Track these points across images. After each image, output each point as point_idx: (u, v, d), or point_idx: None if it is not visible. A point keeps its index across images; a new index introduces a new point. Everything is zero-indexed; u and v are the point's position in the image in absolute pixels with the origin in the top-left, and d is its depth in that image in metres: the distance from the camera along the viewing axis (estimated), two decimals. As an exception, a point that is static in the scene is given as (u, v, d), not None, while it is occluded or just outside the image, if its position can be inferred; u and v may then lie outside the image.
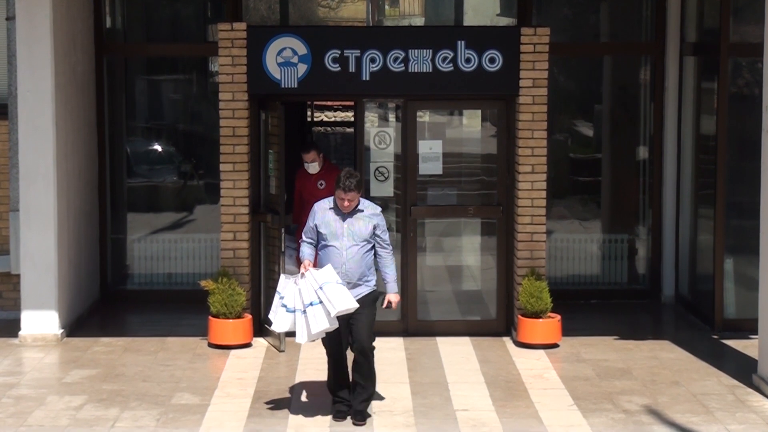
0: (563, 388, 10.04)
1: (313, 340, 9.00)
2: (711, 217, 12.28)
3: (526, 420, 9.17)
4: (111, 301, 13.30)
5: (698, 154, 12.87)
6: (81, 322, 12.27)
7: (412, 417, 9.25)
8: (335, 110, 26.08)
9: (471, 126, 12.87)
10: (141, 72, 13.98)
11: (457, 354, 11.18)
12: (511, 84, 11.50)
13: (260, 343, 11.49)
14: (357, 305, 8.75)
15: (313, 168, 12.02)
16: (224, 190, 11.55)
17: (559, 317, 11.37)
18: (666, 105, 13.35)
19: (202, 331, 11.59)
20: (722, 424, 9.06)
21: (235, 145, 11.49)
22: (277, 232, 11.42)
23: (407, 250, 11.88)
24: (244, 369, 10.62)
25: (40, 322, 11.50)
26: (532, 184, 11.52)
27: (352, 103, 13.50)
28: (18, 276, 11.85)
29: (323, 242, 9.10)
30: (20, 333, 11.53)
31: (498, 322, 11.95)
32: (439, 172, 11.95)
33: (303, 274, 8.80)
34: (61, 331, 11.59)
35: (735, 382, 10.24)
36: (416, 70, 11.49)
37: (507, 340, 11.69)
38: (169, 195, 14.03)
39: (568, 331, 11.57)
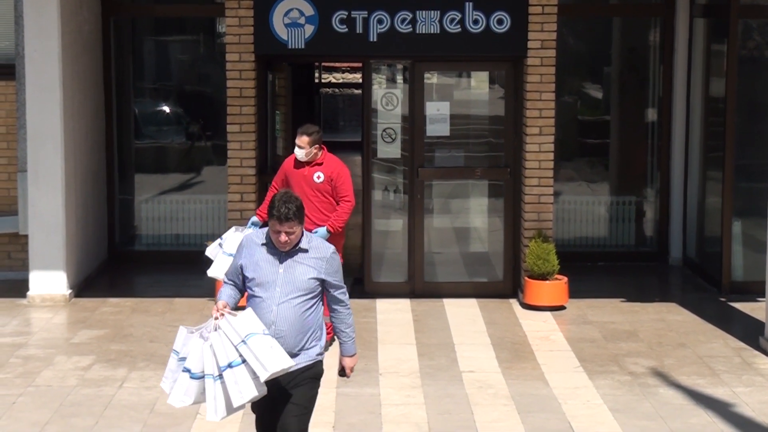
0: (569, 350, 10.05)
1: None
2: (719, 179, 12.25)
3: (531, 381, 9.19)
4: (119, 262, 13.33)
5: (707, 116, 12.82)
6: (89, 283, 12.30)
7: (419, 378, 9.27)
8: (343, 72, 26.10)
9: (479, 87, 12.82)
10: (148, 33, 13.94)
11: (464, 315, 11.20)
12: (519, 45, 11.45)
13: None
14: (293, 363, 6.36)
15: (300, 154, 9.91)
16: (231, 151, 11.55)
17: (565, 279, 11.37)
18: (675, 67, 13.28)
19: (209, 292, 11.62)
20: (728, 386, 9.07)
21: (242, 106, 11.48)
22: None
23: (414, 211, 11.87)
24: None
25: (48, 282, 11.53)
26: (539, 146, 11.49)
27: (360, 65, 13.44)
28: (26, 236, 11.87)
29: (249, 291, 6.60)
30: (28, 293, 11.57)
31: (505, 284, 11.95)
32: (447, 133, 11.93)
33: (217, 322, 6.31)
34: (69, 291, 11.63)
35: (742, 344, 10.24)
36: (424, 32, 11.45)
37: (514, 302, 11.70)
38: (176, 156, 14.02)
39: (575, 293, 11.57)
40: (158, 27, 13.95)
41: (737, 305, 11.61)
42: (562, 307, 11.36)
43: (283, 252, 6.52)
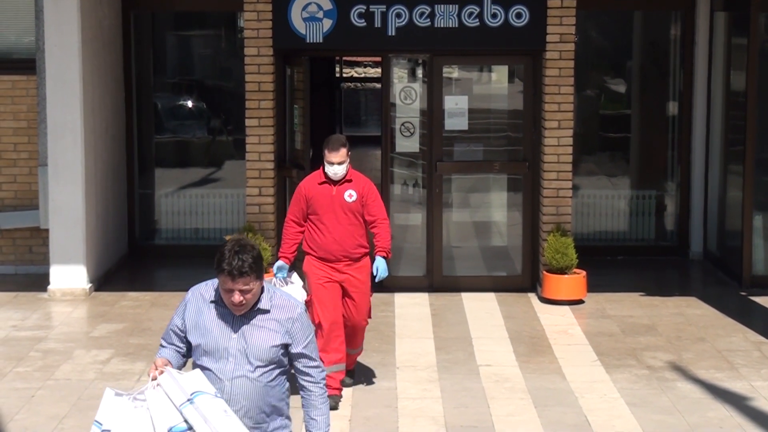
0: (587, 344, 10.04)
1: None
2: (740, 173, 12.20)
3: (549, 375, 9.18)
4: (139, 256, 13.38)
5: (728, 110, 12.76)
6: (109, 277, 12.36)
7: (436, 372, 9.28)
8: (365, 66, 26.08)
9: (497, 81, 12.81)
10: (168, 27, 13.98)
11: (482, 309, 11.19)
12: (537, 39, 11.42)
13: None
14: None
15: (341, 171, 8.48)
16: (249, 145, 11.57)
17: (584, 273, 11.35)
18: (696, 61, 13.22)
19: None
20: (747, 380, 9.04)
21: (261, 100, 11.50)
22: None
23: (433, 205, 11.87)
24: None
25: (69, 276, 11.58)
26: (558, 140, 11.47)
27: (379, 59, 13.45)
28: (47, 231, 11.93)
29: (196, 361, 5.33)
30: (49, 287, 11.63)
31: (523, 278, 11.94)
32: (465, 127, 11.93)
33: (156, 380, 5.07)
34: (90, 285, 11.68)
35: (761, 338, 10.21)
36: (442, 26, 11.44)
37: (532, 296, 11.69)
38: (197, 150, 14.06)
39: (594, 287, 11.55)
40: (178, 21, 13.99)
41: (758, 299, 11.57)
42: (580, 301, 11.34)
43: (237, 314, 5.26)
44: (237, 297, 5.14)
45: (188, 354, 5.41)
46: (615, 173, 13.91)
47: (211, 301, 5.32)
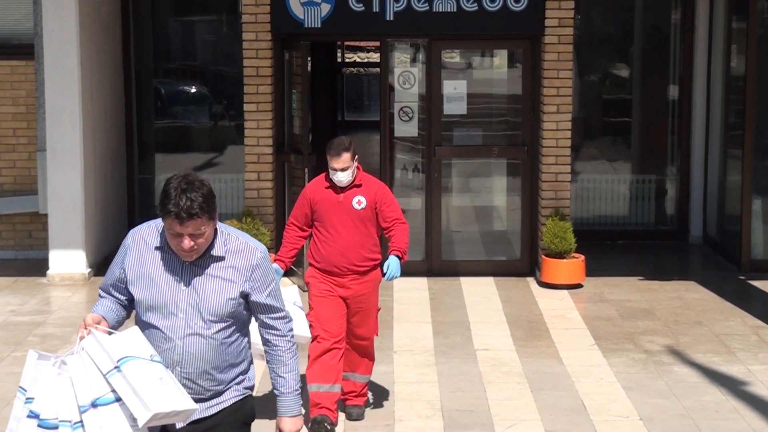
0: (585, 328, 10.04)
1: None
2: (739, 157, 12.19)
3: (546, 360, 9.19)
4: (139, 241, 13.33)
5: (728, 94, 12.74)
6: (108, 262, 12.27)
7: (433, 356, 9.29)
8: (368, 51, 26.04)
9: (496, 66, 12.79)
10: (168, 12, 13.96)
11: (480, 294, 11.20)
12: (536, 23, 11.40)
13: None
14: (194, 406, 4.48)
15: (345, 178, 7.64)
16: (248, 130, 11.58)
17: (582, 257, 11.35)
18: (696, 45, 13.20)
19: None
20: (744, 364, 9.04)
21: (259, 85, 11.49)
22: (301, 172, 11.44)
23: (431, 190, 11.87)
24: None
25: (68, 261, 11.60)
26: (557, 124, 11.46)
27: (377, 44, 13.43)
28: (46, 216, 11.95)
29: (139, 315, 4.74)
30: (48, 272, 11.64)
31: (522, 262, 11.95)
32: (464, 112, 11.92)
33: (82, 342, 4.47)
34: (89, 270, 11.70)
35: (759, 322, 10.21)
36: (440, 10, 11.42)
37: (531, 280, 11.70)
38: (197, 136, 14.05)
39: (592, 271, 11.55)
40: (178, 6, 13.97)
41: (756, 283, 11.56)
42: (579, 286, 11.34)
43: (187, 261, 4.61)
44: (187, 243, 4.49)
45: (131, 305, 4.76)
46: (615, 158, 13.90)
47: (156, 248, 4.64)
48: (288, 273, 7.49)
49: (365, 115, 22.84)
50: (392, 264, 7.68)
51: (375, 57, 25.72)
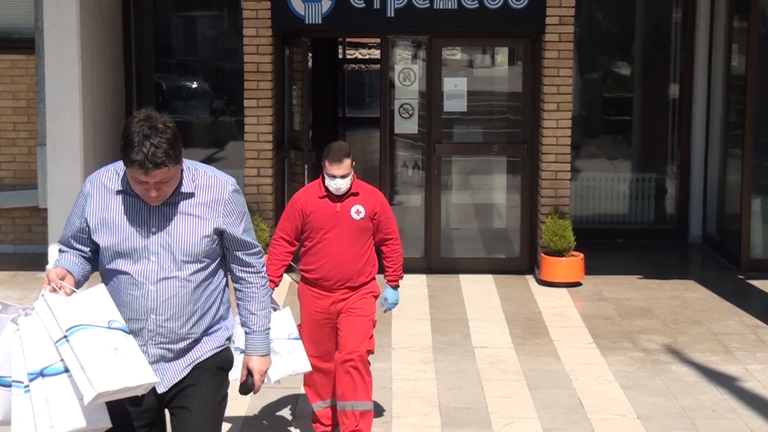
0: (583, 327, 10.05)
1: None
2: (739, 156, 12.19)
3: (544, 357, 9.20)
4: (138, 236, 13.35)
5: (728, 93, 12.74)
6: (108, 257, 12.34)
7: (431, 353, 9.30)
8: (369, 48, 26.04)
9: (496, 63, 12.79)
10: (169, 7, 13.95)
11: (479, 291, 11.20)
12: (537, 21, 11.40)
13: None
14: (152, 380, 4.14)
15: (345, 185, 7.00)
16: (248, 126, 11.58)
17: (582, 256, 11.35)
18: (697, 44, 13.19)
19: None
20: (741, 363, 9.04)
21: (259, 81, 11.50)
22: (301, 168, 11.44)
23: (431, 187, 11.88)
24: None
25: (67, 256, 11.58)
26: (557, 122, 11.46)
27: (378, 41, 13.43)
28: (45, 210, 11.95)
29: (105, 264, 4.45)
30: (47, 267, 11.64)
31: (521, 260, 11.95)
32: (464, 109, 11.93)
33: (38, 302, 4.19)
34: (88, 265, 11.69)
35: (758, 322, 10.21)
36: (441, 7, 11.41)
37: (530, 278, 11.70)
38: (199, 131, 14.05)
39: (592, 269, 11.55)
40: (179, 1, 13.96)
41: (755, 283, 11.57)
42: (578, 284, 11.35)
43: (155, 204, 4.34)
44: (153, 192, 4.23)
45: (96, 256, 4.47)
46: (615, 156, 13.90)
47: (118, 191, 4.35)
48: (287, 269, 7.21)
49: (366, 111, 22.85)
50: (390, 297, 7.43)
51: (376, 54, 25.73)
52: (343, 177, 6.93)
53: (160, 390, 4.44)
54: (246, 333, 4.63)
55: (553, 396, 8.30)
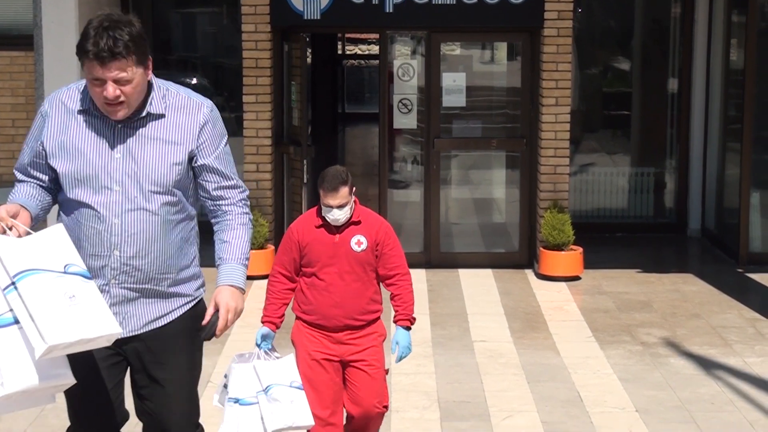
0: (582, 320, 10.06)
1: None
2: (738, 150, 12.20)
3: (542, 351, 9.22)
4: (138, 232, 13.36)
5: (727, 88, 12.75)
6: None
7: (430, 347, 9.31)
8: (369, 43, 26.04)
9: (495, 58, 12.80)
10: (167, 3, 13.97)
11: (479, 286, 11.22)
12: (535, 16, 11.41)
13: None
14: (114, 330, 3.66)
15: (342, 216, 6.18)
16: (247, 121, 11.60)
17: (581, 250, 11.37)
18: (695, 39, 13.20)
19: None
20: (740, 356, 9.06)
21: (258, 76, 11.51)
22: (300, 164, 11.46)
23: (430, 182, 11.89)
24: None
25: (67, 252, 11.59)
26: (555, 117, 11.47)
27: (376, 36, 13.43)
28: (45, 207, 11.94)
29: (66, 194, 4.08)
30: None
31: (520, 254, 11.97)
32: (463, 104, 11.94)
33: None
34: (88, 261, 11.69)
35: (756, 315, 10.23)
36: (440, 2, 11.42)
37: (529, 272, 11.72)
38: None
39: (591, 263, 11.57)
40: (178, -3, 14.00)
41: (754, 276, 11.59)
42: (577, 278, 11.36)
43: (117, 121, 3.82)
44: (111, 90, 3.71)
45: (56, 186, 4.04)
46: (614, 150, 13.91)
47: (79, 111, 3.89)
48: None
49: (366, 107, 22.86)
50: (402, 341, 6.37)
51: (376, 49, 25.70)
52: (340, 207, 6.10)
53: (123, 335, 3.87)
54: (217, 265, 4.05)
55: (551, 389, 8.32)
